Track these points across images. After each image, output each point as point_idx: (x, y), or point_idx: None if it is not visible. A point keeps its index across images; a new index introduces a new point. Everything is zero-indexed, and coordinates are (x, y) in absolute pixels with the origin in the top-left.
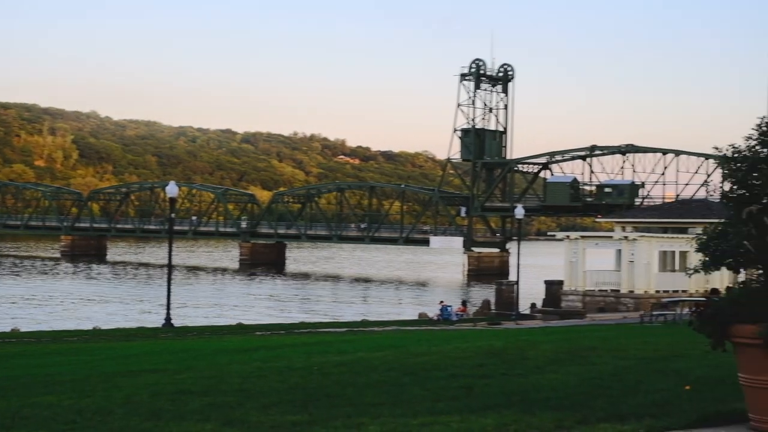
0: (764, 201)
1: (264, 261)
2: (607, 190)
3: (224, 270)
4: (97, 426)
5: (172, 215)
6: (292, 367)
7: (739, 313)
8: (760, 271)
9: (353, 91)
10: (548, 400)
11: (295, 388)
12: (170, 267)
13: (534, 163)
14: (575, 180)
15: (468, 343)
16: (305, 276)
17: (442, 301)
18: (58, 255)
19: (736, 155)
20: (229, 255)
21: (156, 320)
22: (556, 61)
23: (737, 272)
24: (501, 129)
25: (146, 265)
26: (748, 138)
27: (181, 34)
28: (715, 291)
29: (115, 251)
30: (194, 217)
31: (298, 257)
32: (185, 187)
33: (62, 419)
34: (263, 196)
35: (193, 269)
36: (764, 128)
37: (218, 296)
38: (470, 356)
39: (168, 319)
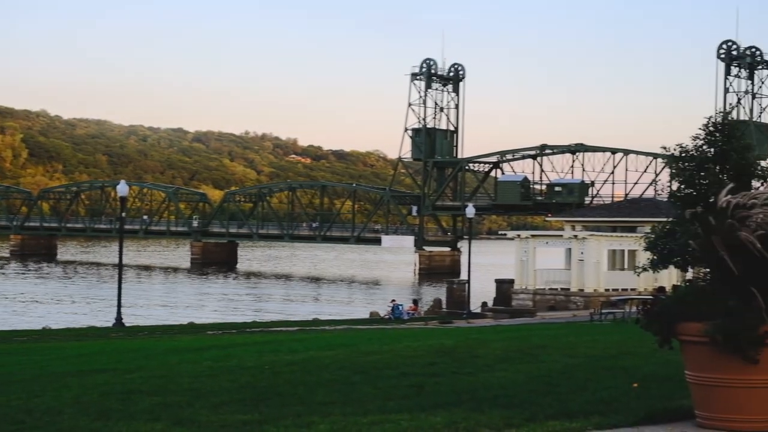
0: (711, 200)
1: (216, 260)
2: (557, 189)
3: (176, 269)
4: (46, 426)
5: (123, 214)
6: (243, 367)
7: (685, 312)
8: (707, 270)
9: (305, 90)
10: (497, 398)
11: (245, 387)
12: (121, 266)
13: (485, 162)
14: (526, 179)
15: (419, 342)
16: (257, 275)
17: (393, 300)
18: (7, 254)
19: (683, 155)
20: (181, 254)
21: (107, 320)
22: (507, 61)
23: (685, 271)
24: (452, 128)
25: (97, 264)
26: (696, 138)
27: (131, 33)
28: (661, 289)
29: (66, 251)
30: (145, 217)
31: (249, 256)
32: (136, 186)
33: (11, 419)
34: (215, 195)
35: (145, 268)
36: (711, 128)
37: (170, 296)
38: (421, 355)
39: (119, 318)
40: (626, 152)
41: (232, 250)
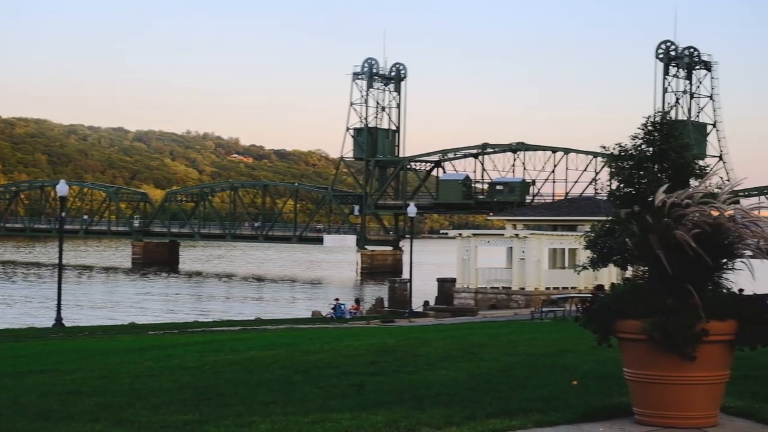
0: (650, 199)
1: (157, 260)
2: (498, 187)
3: (117, 269)
4: None
5: (63, 214)
6: (185, 367)
7: (624, 310)
8: (645, 268)
9: (247, 89)
10: (438, 396)
11: (186, 388)
12: (61, 266)
13: (427, 161)
14: (467, 178)
15: (360, 341)
16: (199, 275)
17: (337, 299)
18: None
19: (622, 154)
20: (122, 254)
21: (46, 320)
22: (449, 60)
23: (624, 269)
24: (394, 127)
25: (37, 264)
26: (635, 137)
27: (71, 31)
28: (600, 287)
29: (5, 251)
30: (86, 216)
31: (191, 256)
32: (76, 186)
33: None
34: (156, 194)
35: (85, 269)
36: (649, 128)
37: (111, 296)
38: (362, 354)
39: (59, 319)
40: (566, 151)
41: (173, 249)
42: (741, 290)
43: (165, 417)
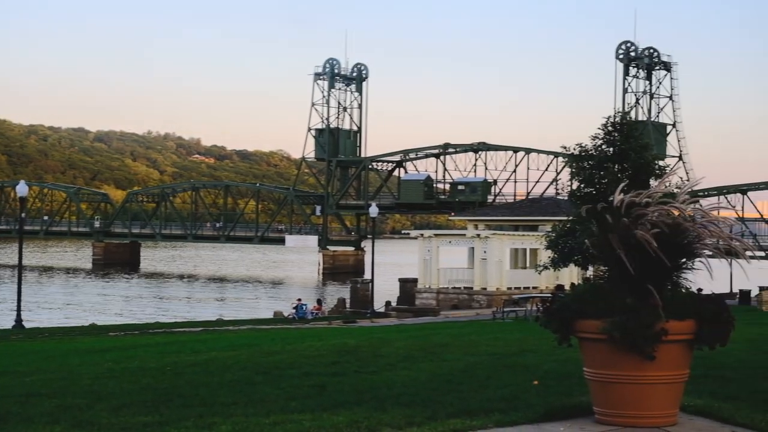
0: (610, 198)
1: (118, 261)
2: (460, 187)
3: (77, 270)
4: None
5: (23, 215)
6: (145, 368)
7: (584, 309)
8: (605, 268)
9: (208, 89)
10: (399, 396)
11: (147, 389)
12: (20, 267)
13: (388, 161)
14: (429, 178)
15: (322, 342)
16: (160, 276)
17: (299, 299)
18: None
19: (583, 154)
20: (83, 255)
21: (6, 322)
22: (410, 60)
23: (585, 269)
24: (355, 128)
25: None
26: (595, 137)
27: (30, 31)
28: (560, 287)
29: None
30: (46, 217)
31: (153, 257)
32: (36, 187)
33: None
34: (117, 195)
35: (46, 269)
36: (610, 128)
37: (71, 297)
38: (324, 354)
39: (18, 320)
40: (528, 151)
41: (134, 250)
42: (700, 290)
43: (125, 419)
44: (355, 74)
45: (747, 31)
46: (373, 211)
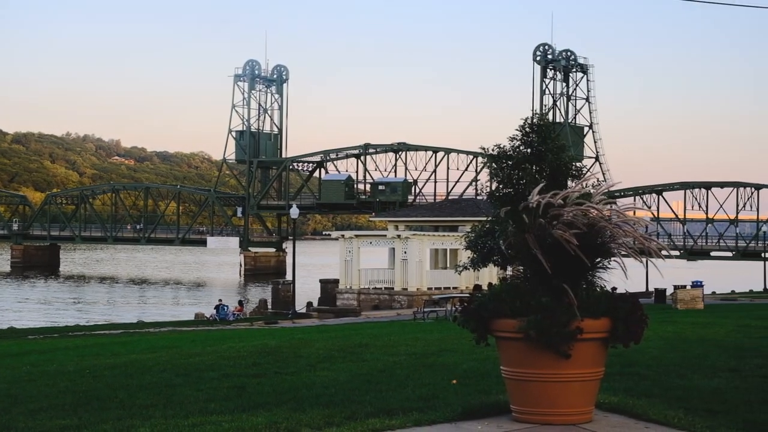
0: (529, 200)
1: (37, 263)
2: (380, 187)
3: None
4: None
5: None
6: (64, 371)
7: (501, 309)
8: (521, 268)
9: (127, 91)
10: (319, 397)
11: (65, 392)
12: None
13: (309, 162)
14: (350, 178)
15: (243, 343)
16: (80, 278)
17: (220, 300)
18: None
19: (501, 155)
20: (1, 258)
21: None
22: (330, 61)
23: (504, 269)
24: (276, 129)
25: None
26: (513, 139)
27: None
28: (477, 287)
29: None
30: None
31: (72, 259)
32: None
33: None
34: (35, 197)
35: None
36: (527, 129)
37: None
38: (244, 356)
39: None
40: (447, 151)
41: (54, 253)
42: (614, 289)
43: (42, 422)
44: (275, 76)
45: (661, 35)
46: (294, 212)
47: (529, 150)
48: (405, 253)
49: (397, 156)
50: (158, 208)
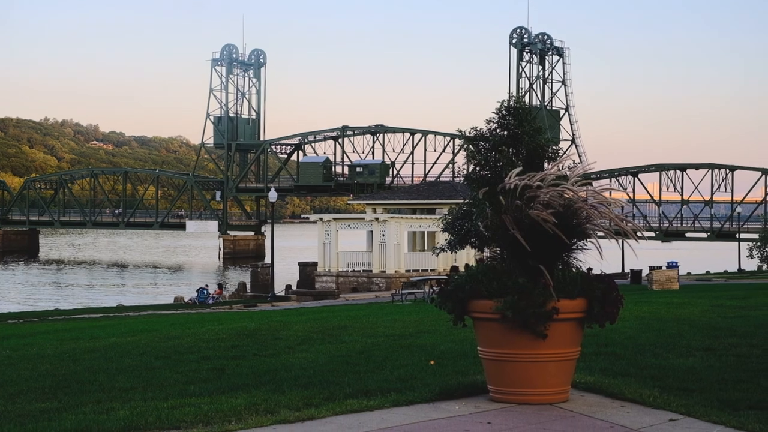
0: (506, 182)
1: (16, 248)
2: (358, 170)
3: None
4: None
5: None
6: (43, 355)
7: (477, 289)
8: (498, 249)
9: (105, 75)
10: (298, 378)
11: (45, 376)
12: None
13: (287, 145)
14: (327, 160)
15: (222, 325)
16: (60, 263)
17: (207, 285)
18: None
19: (478, 137)
20: None
21: None
22: (307, 44)
23: (481, 251)
24: (254, 114)
25: None
26: (489, 121)
27: None
28: (455, 269)
29: None
30: None
31: (52, 244)
32: None
33: None
34: (14, 182)
35: None
36: (504, 112)
37: None
38: (223, 338)
39: None
40: (425, 133)
41: (33, 237)
42: (590, 269)
43: (22, 406)
44: (252, 60)
45: (637, 18)
46: (272, 195)
47: (505, 132)
48: (383, 236)
49: (375, 138)
50: (137, 193)
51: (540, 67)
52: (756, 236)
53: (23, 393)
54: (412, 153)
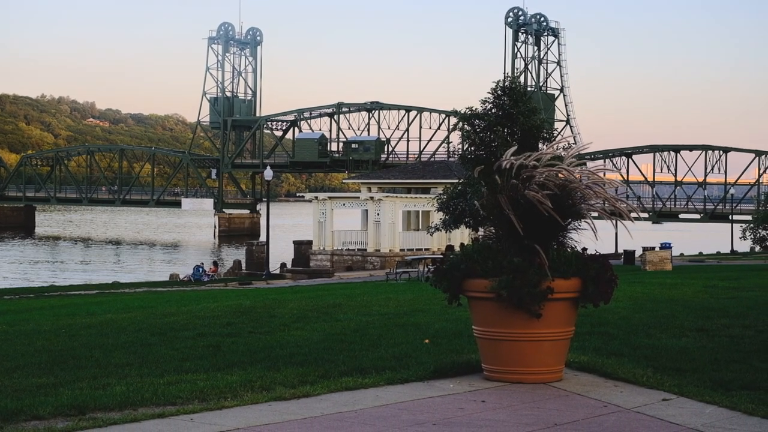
0: (501, 161)
1: (12, 224)
2: (354, 146)
3: None
4: None
5: None
6: (40, 330)
7: (472, 269)
8: (492, 229)
9: (102, 53)
10: (293, 356)
11: (41, 351)
12: None
13: (283, 121)
14: (323, 136)
15: (217, 303)
16: (56, 239)
17: (202, 263)
18: None
19: (473, 116)
20: None
21: None
22: (303, 21)
23: (476, 230)
24: (250, 92)
25: None
26: (485, 101)
27: None
28: (450, 248)
29: None
30: None
31: (48, 221)
32: None
33: None
34: (11, 159)
35: None
36: (499, 92)
37: None
38: (219, 315)
39: None
40: (420, 110)
41: (29, 214)
42: (584, 250)
43: (19, 381)
44: (249, 38)
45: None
46: (268, 173)
47: (501, 112)
48: (378, 215)
49: (371, 115)
50: (133, 170)
51: (535, 48)
52: (749, 218)
53: (20, 368)
54: (407, 130)
